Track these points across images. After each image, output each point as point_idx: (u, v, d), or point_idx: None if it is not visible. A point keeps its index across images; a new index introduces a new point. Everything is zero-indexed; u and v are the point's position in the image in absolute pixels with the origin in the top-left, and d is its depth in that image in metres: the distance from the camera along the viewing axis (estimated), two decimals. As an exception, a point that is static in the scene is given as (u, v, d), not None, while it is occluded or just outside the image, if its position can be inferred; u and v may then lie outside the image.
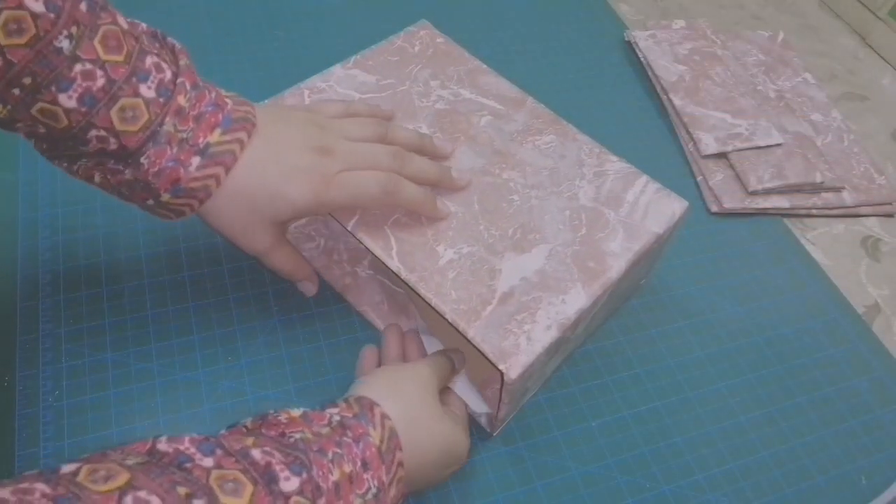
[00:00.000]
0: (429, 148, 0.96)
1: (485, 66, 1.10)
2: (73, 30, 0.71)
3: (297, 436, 0.68)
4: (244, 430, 0.69)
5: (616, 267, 0.89)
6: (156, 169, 0.77)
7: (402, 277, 0.86)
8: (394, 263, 0.87)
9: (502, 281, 0.87)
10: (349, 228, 0.89)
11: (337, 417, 0.72)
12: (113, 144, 0.75)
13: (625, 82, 1.43)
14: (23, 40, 0.69)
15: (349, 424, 0.72)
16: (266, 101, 0.99)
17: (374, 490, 0.69)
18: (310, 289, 0.98)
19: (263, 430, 0.69)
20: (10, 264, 0.99)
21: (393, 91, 1.04)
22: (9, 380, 0.90)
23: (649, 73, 1.43)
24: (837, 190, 1.29)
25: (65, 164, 0.80)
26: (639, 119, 1.37)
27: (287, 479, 0.63)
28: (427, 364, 0.86)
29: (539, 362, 0.84)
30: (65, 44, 0.71)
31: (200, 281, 1.00)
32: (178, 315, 0.98)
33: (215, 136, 0.79)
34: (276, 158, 0.83)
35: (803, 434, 0.98)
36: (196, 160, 0.78)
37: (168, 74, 0.78)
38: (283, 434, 0.68)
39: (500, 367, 0.80)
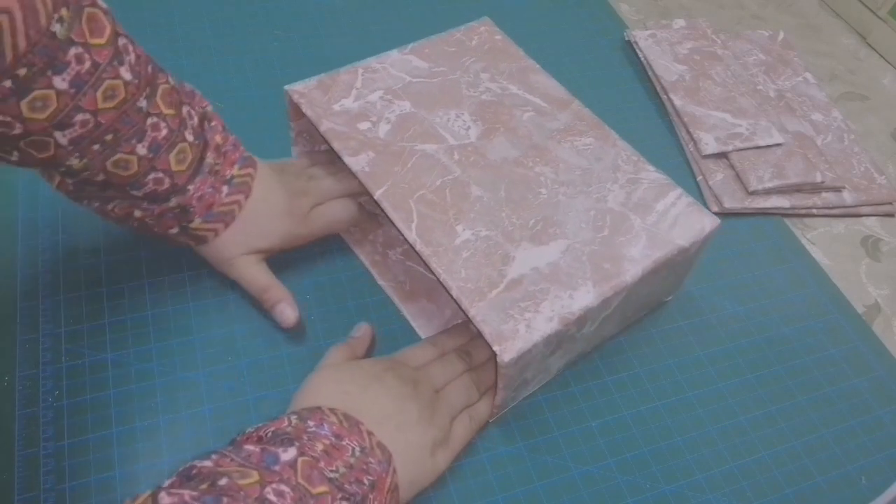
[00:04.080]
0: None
1: (538, 66, 1.12)
2: (148, 91, 0.82)
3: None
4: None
5: (632, 272, 0.89)
6: (199, 194, 0.89)
7: (417, 249, 0.88)
8: (411, 235, 0.89)
9: (514, 268, 0.88)
10: (376, 197, 0.93)
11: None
12: (166, 184, 0.86)
13: (625, 82, 1.43)
14: (113, 104, 0.78)
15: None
16: (312, 78, 1.05)
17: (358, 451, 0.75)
18: (288, 314, 0.97)
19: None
20: (10, 264, 0.99)
21: (443, 78, 1.08)
22: (9, 380, 0.90)
23: (649, 73, 1.43)
24: (838, 190, 1.29)
25: (95, 205, 0.90)
26: (639, 119, 1.37)
27: None
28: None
29: (537, 352, 0.84)
30: (143, 103, 0.81)
31: (200, 281, 1.00)
32: (177, 315, 0.98)
33: (235, 170, 0.93)
34: (269, 198, 0.96)
35: (803, 434, 0.98)
36: (225, 188, 0.91)
37: (195, 120, 0.89)
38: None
39: (495, 348, 0.81)
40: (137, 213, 0.89)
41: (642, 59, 1.45)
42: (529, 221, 0.93)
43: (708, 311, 1.09)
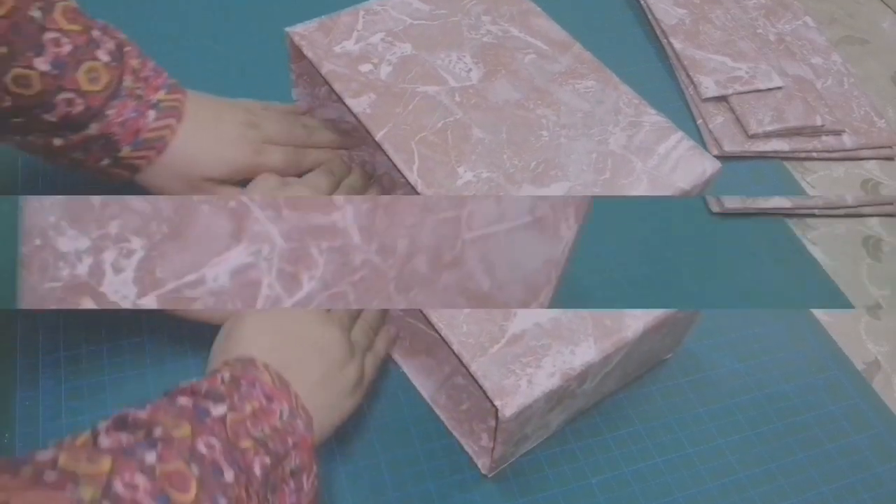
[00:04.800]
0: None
1: (539, 9, 1.12)
2: (42, 3, 0.81)
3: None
4: None
5: (633, 327, 0.87)
6: (121, 119, 0.86)
7: (418, 192, 0.89)
8: (412, 177, 0.90)
9: (515, 323, 0.86)
10: (377, 139, 0.93)
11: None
12: (79, 105, 0.84)
13: (625, 26, 1.43)
14: (2, 11, 0.78)
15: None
16: (313, 20, 1.06)
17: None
18: None
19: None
20: (9, 320, 0.97)
21: (444, 21, 1.08)
22: (9, 436, 0.89)
23: (649, 17, 1.43)
24: (837, 133, 1.31)
25: (17, 139, 0.88)
26: (639, 62, 1.37)
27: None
28: None
29: (538, 407, 0.83)
30: (37, 14, 0.81)
31: (201, 336, 0.94)
32: (178, 370, 0.95)
33: (161, 95, 0.90)
34: (211, 124, 0.94)
35: (803, 491, 0.96)
36: (152, 113, 0.88)
37: (112, 44, 0.87)
38: None
39: (496, 403, 0.80)
40: (58, 142, 0.86)
41: (642, 2, 1.45)
42: (531, 163, 0.93)
43: (708, 368, 1.06)
